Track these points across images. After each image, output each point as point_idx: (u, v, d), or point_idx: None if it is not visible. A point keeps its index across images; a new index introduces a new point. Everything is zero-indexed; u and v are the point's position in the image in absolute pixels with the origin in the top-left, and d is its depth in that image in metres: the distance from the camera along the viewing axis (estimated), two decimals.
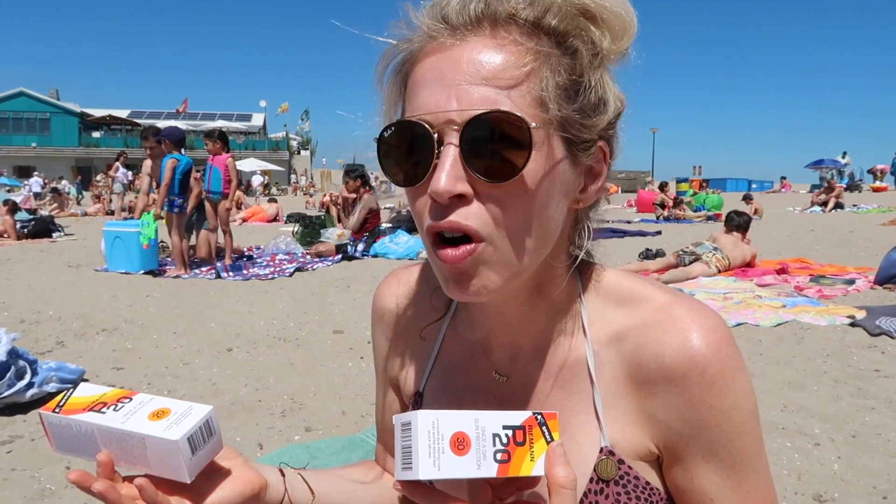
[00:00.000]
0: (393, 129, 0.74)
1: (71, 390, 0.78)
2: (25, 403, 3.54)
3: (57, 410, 0.74)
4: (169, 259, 9.09)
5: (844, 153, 40.80)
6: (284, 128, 61.14)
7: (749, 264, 7.89)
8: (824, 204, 21.10)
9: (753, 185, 42.98)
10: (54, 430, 0.75)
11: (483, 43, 0.69)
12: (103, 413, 0.73)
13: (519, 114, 0.67)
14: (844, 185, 29.22)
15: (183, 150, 8.41)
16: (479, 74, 0.68)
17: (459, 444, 0.64)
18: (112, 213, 19.98)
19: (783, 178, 40.64)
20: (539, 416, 0.68)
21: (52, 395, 3.62)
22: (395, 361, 1.04)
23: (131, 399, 0.76)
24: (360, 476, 1.05)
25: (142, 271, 8.32)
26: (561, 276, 0.84)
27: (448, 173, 0.68)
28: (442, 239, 0.72)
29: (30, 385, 3.65)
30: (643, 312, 0.82)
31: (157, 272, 8.29)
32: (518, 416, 0.67)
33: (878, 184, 35.42)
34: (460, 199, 0.69)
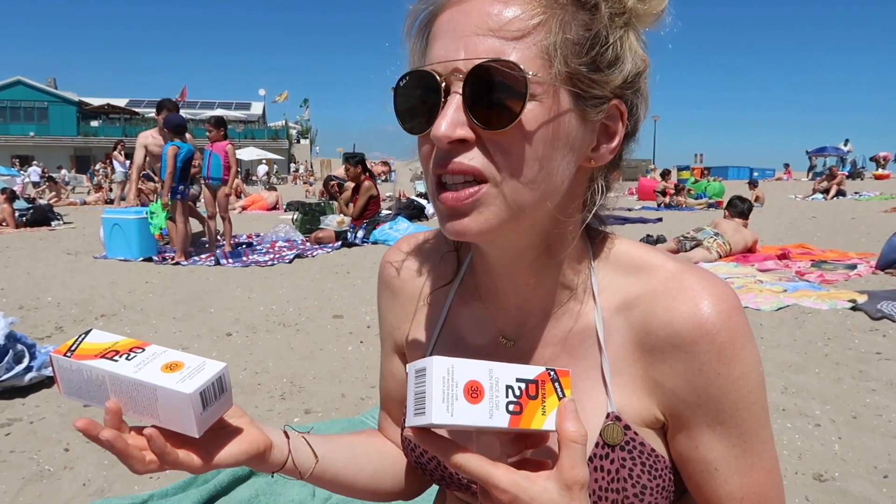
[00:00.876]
0: (407, 78, 0.76)
1: (83, 335, 0.77)
2: (24, 387, 3.55)
3: (68, 354, 0.74)
4: (168, 247, 9.09)
5: (846, 141, 40.79)
6: (284, 116, 61.02)
7: (750, 249, 7.88)
8: (826, 191, 21.05)
9: (755, 173, 42.89)
10: (63, 374, 0.75)
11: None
12: (115, 361, 0.73)
13: (519, 63, 0.69)
14: (846, 173, 29.18)
15: (188, 137, 8.38)
16: (487, 26, 0.70)
17: (473, 392, 0.64)
18: (111, 201, 19.95)
19: (786, 165, 40.63)
20: (552, 373, 0.69)
21: (50, 380, 3.63)
22: (402, 328, 1.04)
23: (144, 349, 0.75)
24: (363, 443, 1.05)
25: (140, 258, 8.31)
26: (571, 237, 0.83)
27: (449, 119, 0.70)
28: (444, 185, 0.74)
29: (28, 369, 3.65)
30: (653, 280, 0.82)
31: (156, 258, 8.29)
32: (531, 371, 0.68)
33: (880, 171, 35.35)
34: (462, 144, 0.71)
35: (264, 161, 41.75)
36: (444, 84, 0.72)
